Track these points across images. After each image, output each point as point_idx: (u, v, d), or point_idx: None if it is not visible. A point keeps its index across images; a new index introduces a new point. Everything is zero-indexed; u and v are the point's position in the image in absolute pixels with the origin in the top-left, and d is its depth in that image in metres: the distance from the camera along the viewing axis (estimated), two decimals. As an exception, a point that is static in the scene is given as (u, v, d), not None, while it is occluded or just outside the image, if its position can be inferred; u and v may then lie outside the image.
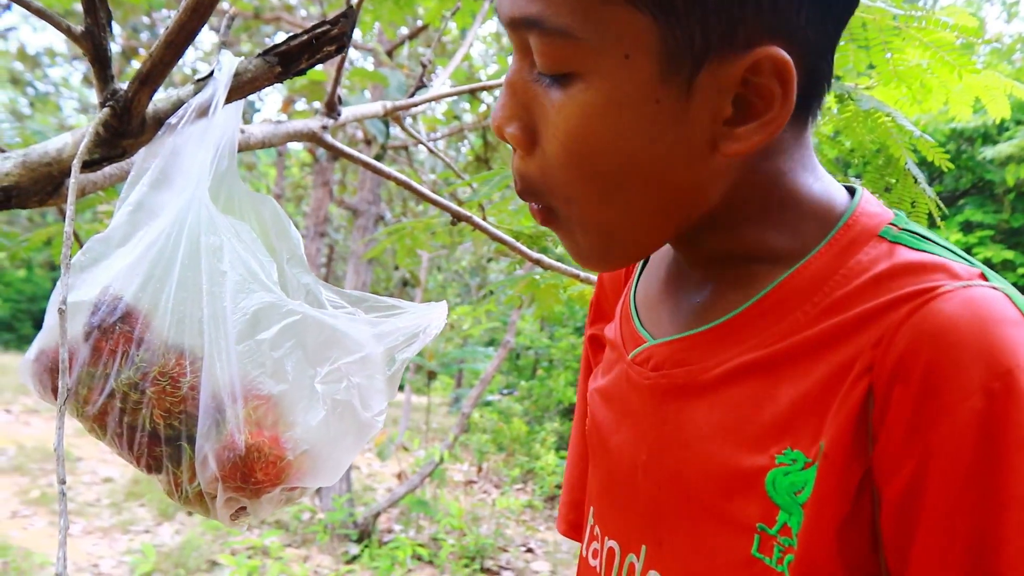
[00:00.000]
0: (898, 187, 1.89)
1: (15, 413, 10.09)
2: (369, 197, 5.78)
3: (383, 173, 1.42)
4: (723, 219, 0.63)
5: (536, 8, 0.54)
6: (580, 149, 0.57)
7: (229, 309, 0.79)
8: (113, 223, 0.87)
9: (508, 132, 0.60)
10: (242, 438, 0.76)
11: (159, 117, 0.91)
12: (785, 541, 0.57)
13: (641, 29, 0.53)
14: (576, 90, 0.56)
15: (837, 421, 0.55)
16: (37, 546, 5.34)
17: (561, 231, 0.64)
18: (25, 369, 0.83)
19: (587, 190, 0.59)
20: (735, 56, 0.54)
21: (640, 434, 0.70)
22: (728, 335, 0.63)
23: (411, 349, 0.87)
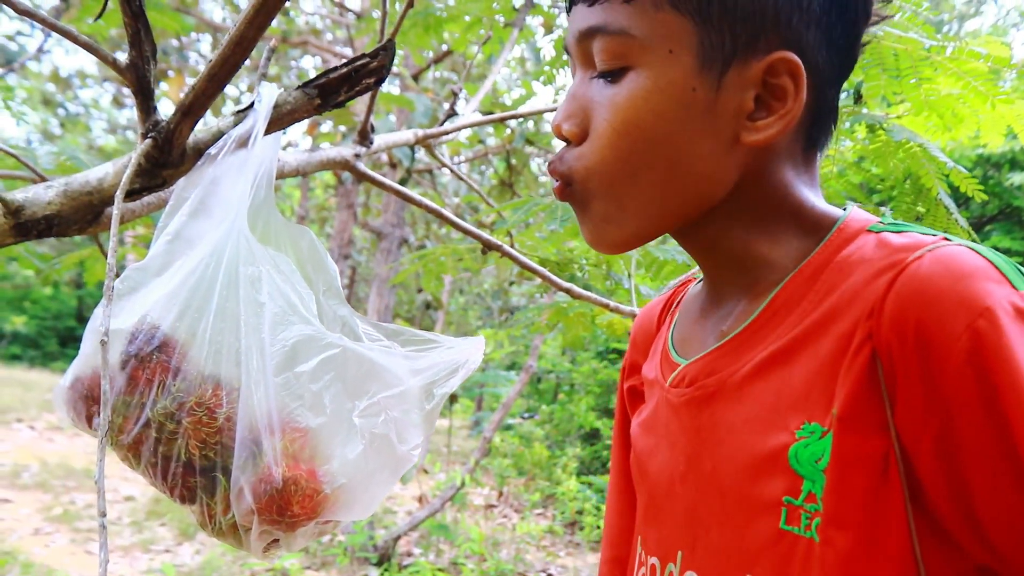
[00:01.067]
0: (929, 216, 1.88)
1: (39, 430, 10.17)
2: (393, 220, 5.81)
3: (415, 201, 1.42)
4: (721, 218, 0.72)
5: (601, 18, 0.68)
6: (625, 128, 0.68)
7: (267, 340, 0.79)
8: (152, 252, 0.87)
9: (565, 128, 0.71)
10: (279, 471, 0.76)
11: (199, 147, 0.92)
12: (811, 507, 0.61)
13: (683, 31, 0.67)
14: (628, 79, 0.68)
15: (845, 388, 0.61)
16: (59, 563, 5.36)
17: (584, 214, 0.74)
18: (60, 396, 0.83)
19: (621, 165, 0.69)
20: (757, 59, 0.67)
21: (678, 448, 0.75)
22: (748, 339, 0.70)
23: (450, 384, 0.87)
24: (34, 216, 0.93)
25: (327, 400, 0.77)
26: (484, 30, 2.62)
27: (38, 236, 0.95)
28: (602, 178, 0.70)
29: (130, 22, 0.81)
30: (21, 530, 6.06)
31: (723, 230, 0.73)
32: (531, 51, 3.59)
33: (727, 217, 0.72)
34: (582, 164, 0.71)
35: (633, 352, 0.95)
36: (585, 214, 0.73)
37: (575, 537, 7.17)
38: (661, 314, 0.91)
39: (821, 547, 0.61)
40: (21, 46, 6.00)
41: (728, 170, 0.70)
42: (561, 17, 3.40)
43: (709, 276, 0.79)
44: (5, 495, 6.89)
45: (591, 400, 8.62)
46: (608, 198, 0.71)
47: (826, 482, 0.61)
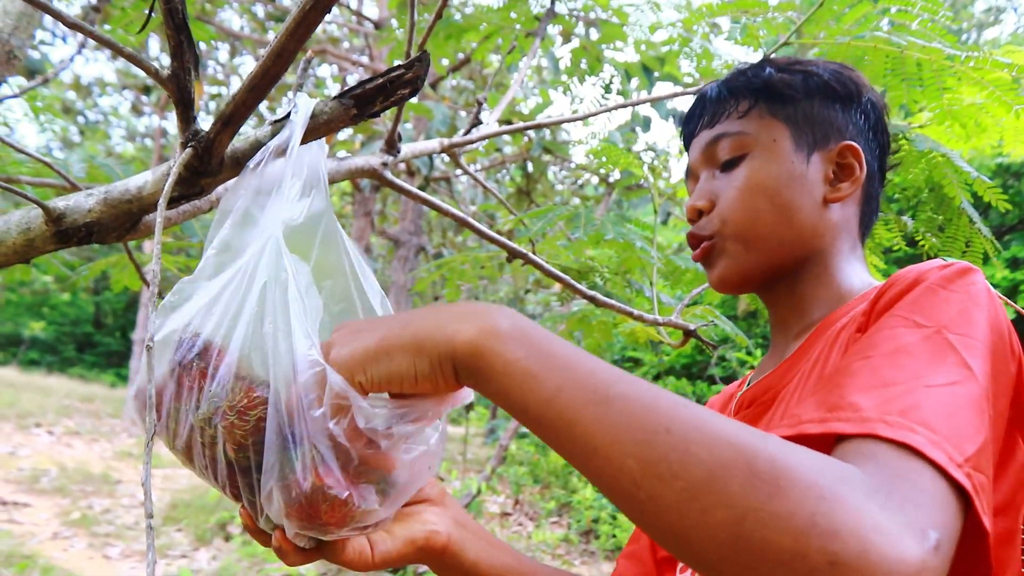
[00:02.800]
0: (952, 226, 1.87)
1: (57, 435, 10.24)
2: (410, 228, 5.82)
3: (442, 210, 1.44)
4: (807, 267, 1.00)
5: (724, 128, 1.01)
6: (749, 188, 0.98)
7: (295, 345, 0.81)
8: (201, 264, 0.89)
9: (700, 204, 1.01)
10: (309, 480, 0.76)
11: (236, 157, 0.93)
12: None
13: (781, 129, 0.99)
14: (745, 163, 0.99)
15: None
16: (78, 568, 5.40)
17: (715, 259, 1.01)
18: (129, 406, 0.86)
19: (748, 214, 0.97)
20: (831, 146, 1.00)
21: None
22: (795, 360, 0.95)
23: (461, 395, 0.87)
24: (75, 223, 0.94)
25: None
26: (502, 39, 2.64)
27: (78, 243, 0.97)
28: (735, 225, 0.98)
29: (173, 34, 0.82)
30: (40, 534, 6.10)
31: (803, 278, 1.00)
32: (550, 60, 3.60)
33: (812, 265, 0.99)
34: (719, 218, 0.99)
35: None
36: (719, 259, 1.00)
37: (590, 546, 7.16)
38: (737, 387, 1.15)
39: None
40: (44, 55, 6.05)
41: (818, 226, 0.98)
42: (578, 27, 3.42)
43: (778, 326, 1.04)
44: (24, 499, 6.95)
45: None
46: (737, 240, 0.98)
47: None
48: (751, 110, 1.01)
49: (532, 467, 8.41)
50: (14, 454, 8.63)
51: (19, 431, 10.03)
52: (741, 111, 1.01)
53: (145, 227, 1.00)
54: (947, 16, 1.70)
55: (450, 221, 8.21)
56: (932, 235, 1.93)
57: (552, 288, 5.53)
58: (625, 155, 2.12)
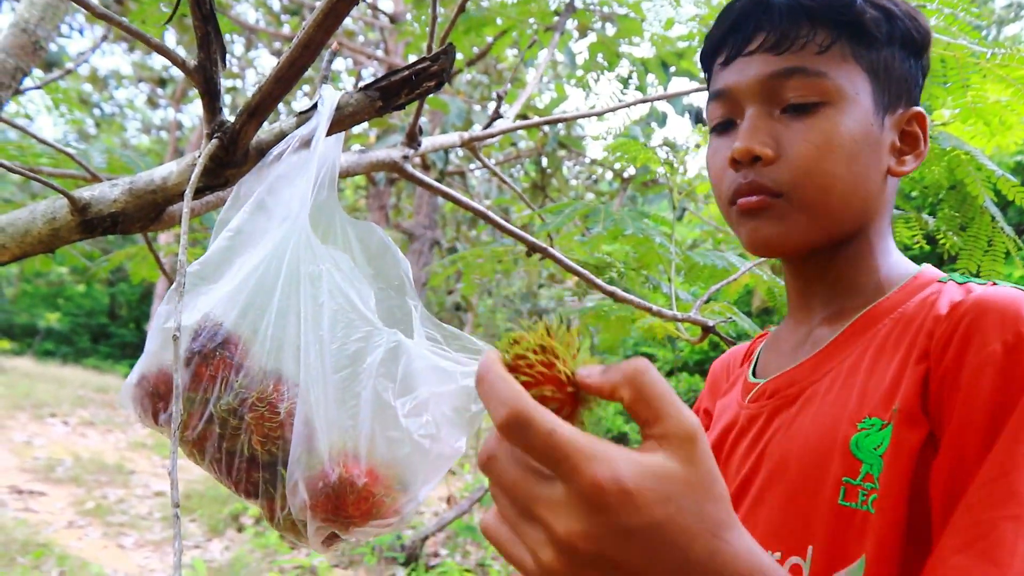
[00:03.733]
0: (974, 225, 1.86)
1: (72, 425, 10.30)
2: (425, 222, 5.83)
3: (462, 203, 1.43)
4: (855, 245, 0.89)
5: (799, 62, 0.84)
6: (829, 147, 0.83)
7: (326, 338, 0.80)
8: (212, 247, 0.89)
9: (758, 149, 0.84)
10: (336, 471, 0.76)
11: (261, 148, 0.93)
12: (868, 486, 0.74)
13: (862, 80, 0.85)
14: (824, 112, 0.84)
15: (907, 389, 0.74)
16: (92, 556, 5.43)
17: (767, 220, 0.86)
18: (127, 394, 0.85)
19: (822, 178, 0.83)
20: (901, 111, 0.89)
21: (753, 450, 0.89)
22: (826, 356, 0.87)
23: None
24: (100, 213, 0.95)
25: (381, 397, 0.78)
26: (519, 33, 2.63)
27: (103, 233, 0.97)
28: (809, 187, 0.84)
29: (200, 24, 0.82)
30: (56, 523, 6.14)
31: (843, 254, 0.90)
32: (567, 55, 3.59)
33: (854, 242, 0.89)
34: (790, 176, 0.84)
35: (709, 396, 1.11)
36: (773, 222, 0.86)
37: (601, 541, 7.14)
38: (745, 356, 1.09)
39: (876, 517, 0.72)
40: (61, 48, 6.08)
41: (880, 197, 0.88)
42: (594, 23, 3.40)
43: (801, 306, 0.95)
44: (40, 488, 7.00)
45: (619, 404, 8.59)
46: (805, 209, 0.85)
47: (884, 466, 0.73)
48: (832, 46, 0.84)
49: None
50: (30, 443, 8.69)
51: (34, 421, 10.10)
52: (821, 44, 0.84)
53: (168, 217, 1.00)
54: (971, 12, 1.68)
55: (464, 215, 8.21)
56: (953, 233, 1.91)
57: (566, 283, 5.52)
58: (644, 150, 2.12)
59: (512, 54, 5.37)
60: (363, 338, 0.79)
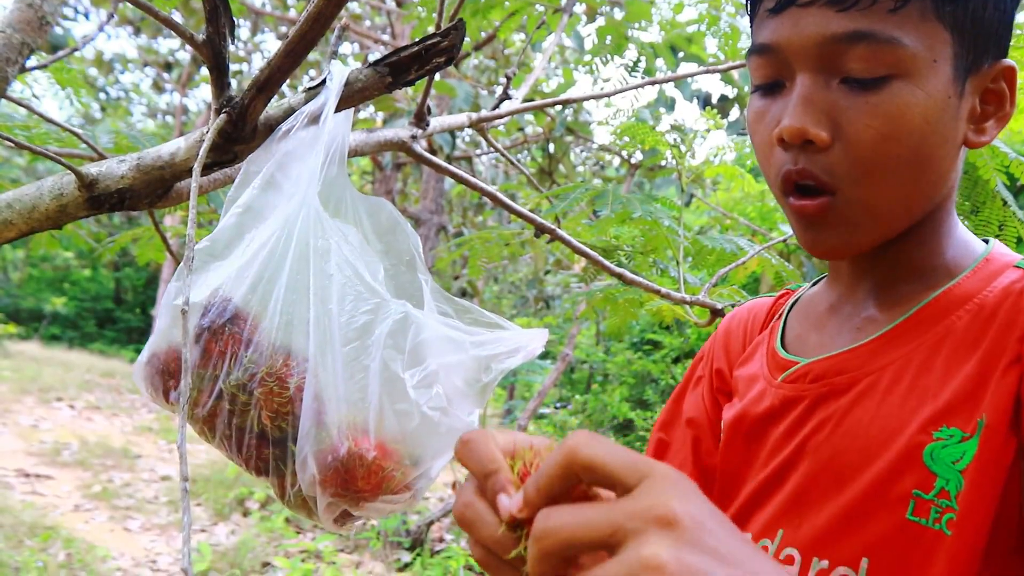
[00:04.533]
0: (985, 209, 1.84)
1: (78, 409, 10.35)
2: (432, 207, 5.82)
3: (471, 184, 1.43)
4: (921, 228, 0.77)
5: (866, 24, 0.68)
6: (896, 134, 0.69)
7: (335, 311, 0.80)
8: (221, 224, 0.88)
9: (812, 132, 0.70)
10: (345, 444, 0.76)
11: (269, 124, 0.92)
12: (943, 503, 0.67)
13: (944, 41, 0.69)
14: (894, 87, 0.69)
15: (995, 400, 0.66)
16: (99, 539, 5.46)
17: (828, 224, 0.74)
18: (138, 372, 0.84)
19: (885, 172, 0.70)
20: (986, 67, 0.72)
21: (791, 438, 0.80)
22: (885, 345, 0.76)
23: (508, 362, 0.87)
24: (107, 189, 0.94)
25: (390, 370, 0.77)
26: (526, 16, 2.62)
27: (110, 209, 0.97)
28: (869, 183, 0.71)
29: (208, -2, 0.82)
30: (62, 506, 6.17)
31: (909, 239, 0.77)
32: (575, 39, 3.57)
33: (920, 226, 0.77)
34: (850, 170, 0.71)
35: (723, 353, 0.99)
36: (835, 227, 0.74)
37: (606, 527, 7.15)
38: (767, 319, 0.97)
39: (953, 540, 0.66)
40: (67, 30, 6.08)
41: (946, 179, 0.75)
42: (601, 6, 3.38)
43: (851, 282, 0.84)
44: (47, 472, 7.03)
45: (625, 391, 8.58)
46: (867, 205, 0.72)
47: (965, 482, 0.66)
48: (909, 2, 0.68)
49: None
50: (36, 427, 8.72)
51: (41, 405, 10.14)
52: (896, 1, 0.68)
53: (176, 194, 1.00)
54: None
55: (471, 201, 8.20)
56: (964, 217, 1.90)
57: (574, 268, 5.52)
58: (652, 133, 2.10)
59: (519, 39, 5.35)
60: (371, 310, 0.79)
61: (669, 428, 1.00)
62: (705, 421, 0.96)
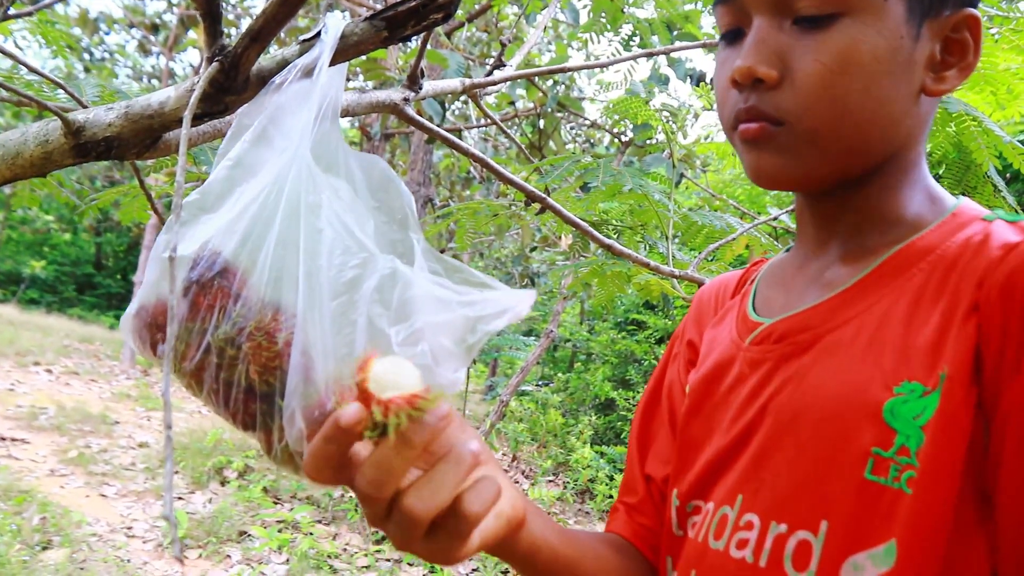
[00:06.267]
0: (976, 194, 1.84)
1: (56, 374, 10.28)
2: (419, 179, 5.78)
3: (462, 149, 1.41)
4: (882, 175, 0.77)
5: None
6: (843, 68, 0.70)
7: (324, 266, 0.79)
8: (212, 177, 0.86)
9: (761, 70, 0.72)
10: (332, 399, 0.75)
11: (262, 76, 0.90)
12: (903, 460, 0.65)
13: None
14: (842, 25, 0.70)
15: (956, 351, 0.64)
16: (74, 504, 5.44)
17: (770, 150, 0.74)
18: (125, 325, 0.83)
19: (834, 106, 0.71)
20: (946, 15, 0.73)
21: (755, 400, 0.78)
22: (847, 300, 0.75)
23: (495, 324, 0.85)
24: (94, 137, 0.92)
25: (375, 325, 0.76)
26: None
27: (96, 158, 0.94)
28: (816, 116, 0.71)
29: (203, -60, 0.79)
30: (38, 470, 6.15)
31: (869, 186, 0.77)
32: (570, 12, 3.54)
33: (881, 174, 0.77)
34: (796, 104, 0.71)
35: (694, 326, 0.99)
36: (776, 153, 0.74)
37: (585, 506, 7.22)
38: (738, 285, 0.97)
39: (913, 499, 0.64)
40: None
41: (908, 121, 0.74)
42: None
43: (816, 238, 0.83)
44: (22, 435, 6.99)
45: (608, 370, 8.61)
46: (814, 137, 0.72)
47: (926, 438, 0.64)
48: None
49: (531, 424, 8.43)
50: (13, 391, 8.67)
51: (18, 368, 10.07)
52: None
53: (164, 145, 0.98)
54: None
55: (458, 174, 8.16)
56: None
57: (558, 246, 5.51)
58: (645, 108, 2.09)
59: (513, 12, 5.30)
60: (360, 264, 0.77)
61: (651, 408, 1.00)
62: (680, 393, 0.96)
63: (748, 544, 0.73)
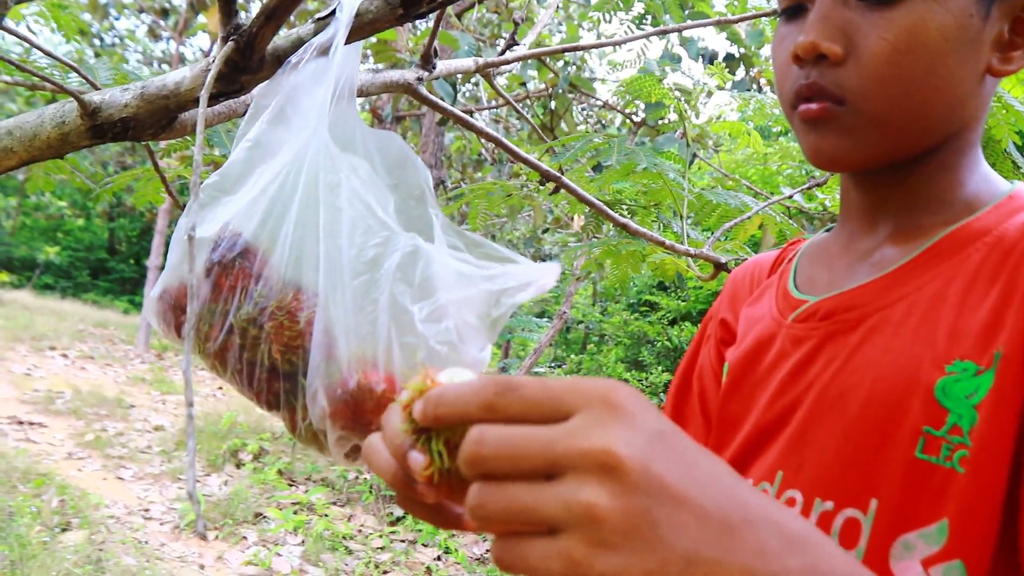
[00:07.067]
0: (995, 171, 1.83)
1: (71, 358, 10.35)
2: (431, 161, 5.77)
3: (475, 128, 1.40)
4: (940, 156, 0.74)
5: None
6: (910, 47, 0.68)
7: (345, 245, 0.79)
8: (231, 159, 0.86)
9: (824, 46, 0.70)
10: (355, 377, 0.75)
11: (277, 55, 0.90)
12: (955, 440, 0.64)
13: None
14: (910, 3, 0.68)
15: (1013, 332, 0.63)
16: (92, 487, 5.49)
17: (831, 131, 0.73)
18: (149, 307, 0.83)
19: (899, 85, 0.69)
20: None
21: (799, 378, 0.77)
22: (898, 279, 0.73)
23: (519, 296, 0.85)
24: (110, 118, 0.92)
25: (399, 303, 0.76)
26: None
27: (113, 139, 0.95)
28: (879, 96, 0.70)
29: (218, -82, 0.79)
30: (55, 454, 6.20)
31: (926, 165, 0.75)
32: (581, -9, 3.51)
33: (940, 153, 0.75)
34: (860, 82, 0.70)
35: (729, 305, 0.97)
36: (839, 135, 0.73)
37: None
38: (774, 265, 0.95)
39: (965, 478, 0.63)
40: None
41: (972, 102, 0.73)
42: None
43: (864, 217, 0.81)
44: (40, 419, 7.05)
45: (620, 352, 8.60)
46: (876, 117, 0.71)
47: (979, 417, 0.63)
48: None
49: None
50: (29, 375, 8.73)
51: (34, 353, 10.14)
52: None
53: (180, 126, 0.98)
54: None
55: (470, 157, 8.14)
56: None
57: (571, 228, 5.49)
58: (658, 86, 2.08)
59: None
60: (381, 243, 0.77)
61: (683, 391, 0.99)
62: (711, 374, 0.95)
63: None
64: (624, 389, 0.42)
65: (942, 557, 0.63)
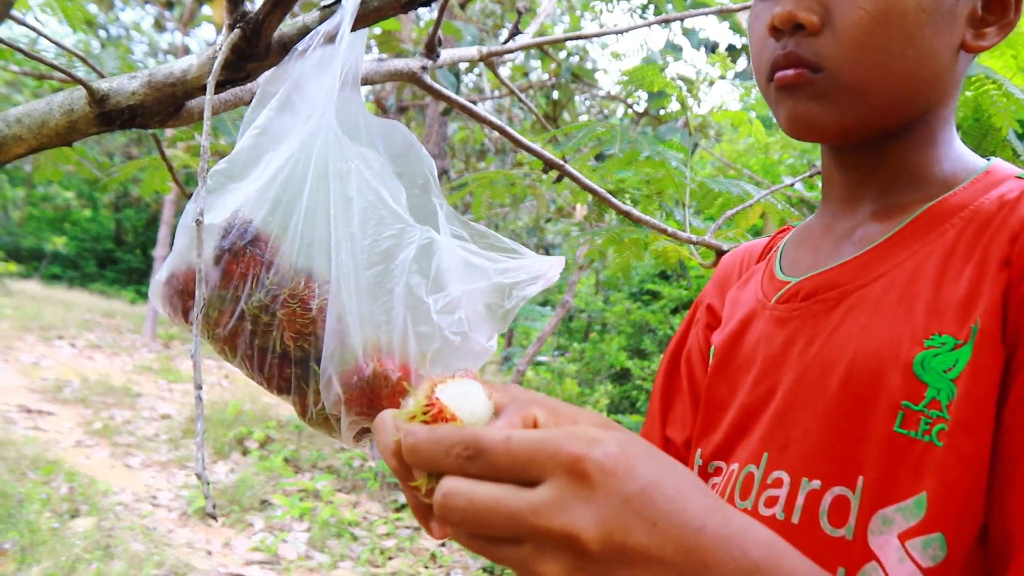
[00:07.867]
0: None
1: (79, 347, 10.40)
2: (434, 151, 5.78)
3: (479, 117, 1.42)
4: (916, 132, 0.76)
5: None
6: (887, 16, 0.69)
7: (357, 234, 0.80)
8: (238, 146, 0.87)
9: (802, 15, 0.71)
10: (370, 365, 0.76)
11: (284, 42, 0.91)
12: (933, 414, 0.64)
13: None
14: None
15: (988, 305, 0.64)
16: (100, 475, 5.53)
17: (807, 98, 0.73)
18: (156, 292, 0.84)
19: (876, 53, 0.70)
20: None
21: (782, 358, 0.78)
22: (878, 256, 0.74)
23: (529, 289, 0.86)
24: (118, 106, 0.93)
25: (413, 293, 0.77)
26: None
27: (121, 127, 0.96)
28: (857, 65, 0.71)
29: (225, -92, 0.80)
30: (64, 442, 6.24)
31: (904, 142, 0.77)
32: (585, -20, 3.52)
33: (916, 130, 0.76)
34: (836, 50, 0.71)
35: (716, 290, 0.99)
36: (815, 101, 0.73)
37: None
38: (764, 251, 0.96)
39: (944, 451, 0.63)
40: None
41: (947, 77, 0.74)
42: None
43: (846, 196, 0.82)
44: (48, 408, 7.09)
45: (623, 340, 8.61)
46: (853, 84, 0.72)
47: (957, 391, 0.63)
48: None
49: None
50: (38, 364, 8.78)
51: (42, 343, 10.19)
52: None
53: (187, 113, 0.99)
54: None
55: (473, 147, 8.14)
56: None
57: (573, 217, 5.50)
58: (660, 76, 2.08)
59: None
60: (395, 235, 0.78)
61: (671, 372, 1.00)
62: (699, 356, 0.97)
63: (778, 501, 0.72)
64: (597, 451, 0.44)
65: (920, 530, 0.63)
